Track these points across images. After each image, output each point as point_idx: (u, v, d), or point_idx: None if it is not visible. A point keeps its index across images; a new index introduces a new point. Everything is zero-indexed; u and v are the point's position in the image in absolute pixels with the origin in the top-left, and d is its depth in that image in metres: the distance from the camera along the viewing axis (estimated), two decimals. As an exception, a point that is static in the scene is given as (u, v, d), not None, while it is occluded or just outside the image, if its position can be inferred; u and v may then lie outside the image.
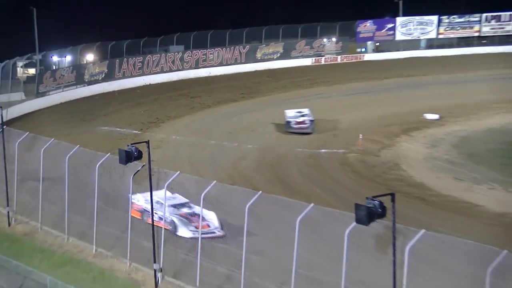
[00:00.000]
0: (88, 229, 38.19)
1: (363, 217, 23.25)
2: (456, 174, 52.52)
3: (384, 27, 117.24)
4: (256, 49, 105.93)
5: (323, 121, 71.28)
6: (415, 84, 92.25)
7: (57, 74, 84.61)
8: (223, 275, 31.88)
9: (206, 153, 58.96)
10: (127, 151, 32.20)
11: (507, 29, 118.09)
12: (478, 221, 42.09)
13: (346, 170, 54.04)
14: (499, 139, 62.80)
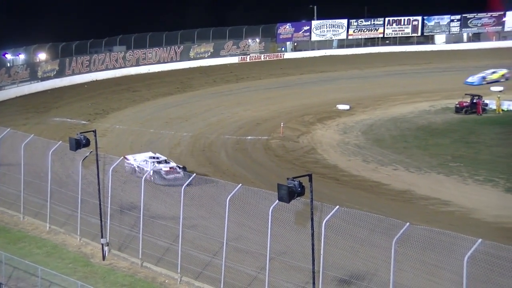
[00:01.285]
0: (42, 209, 37.70)
1: (285, 196, 23.24)
2: (365, 157, 52.91)
3: (301, 29, 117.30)
4: (190, 48, 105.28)
5: (248, 112, 71.32)
6: (328, 78, 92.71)
7: (12, 71, 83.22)
8: (163, 248, 31.69)
9: (145, 140, 58.46)
10: (76, 139, 31.90)
11: (406, 31, 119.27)
12: (383, 197, 42.54)
13: (269, 154, 54.05)
14: (401, 126, 63.43)
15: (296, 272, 27.77)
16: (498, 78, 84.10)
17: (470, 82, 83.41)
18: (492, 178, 45.70)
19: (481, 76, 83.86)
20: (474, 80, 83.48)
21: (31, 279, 29.20)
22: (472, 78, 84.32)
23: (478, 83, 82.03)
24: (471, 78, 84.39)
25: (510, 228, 36.03)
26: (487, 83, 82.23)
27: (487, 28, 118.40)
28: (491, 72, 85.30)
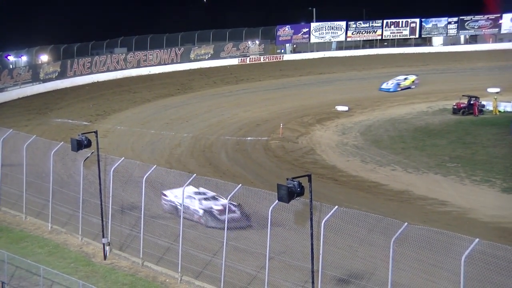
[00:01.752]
0: (44, 209, 37.71)
1: (284, 196, 23.25)
2: (363, 157, 52.91)
3: (300, 31, 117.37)
4: (190, 50, 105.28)
5: (248, 113, 71.32)
6: (327, 80, 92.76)
7: (14, 73, 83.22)
8: (164, 247, 31.69)
9: (146, 141, 58.49)
10: (78, 140, 31.98)
11: (404, 33, 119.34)
12: (381, 197, 42.53)
13: (268, 155, 54.05)
14: (399, 127, 63.43)
15: (295, 272, 27.78)
16: (410, 84, 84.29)
17: (386, 89, 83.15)
18: (489, 179, 45.72)
19: (396, 83, 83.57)
20: (390, 87, 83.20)
21: (33, 278, 29.20)
22: (386, 84, 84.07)
23: (394, 90, 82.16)
24: (385, 84, 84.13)
25: (506, 228, 36.05)
26: (402, 89, 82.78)
27: (484, 30, 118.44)
28: (403, 79, 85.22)
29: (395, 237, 23.70)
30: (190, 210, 33.92)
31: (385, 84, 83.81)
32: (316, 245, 24.83)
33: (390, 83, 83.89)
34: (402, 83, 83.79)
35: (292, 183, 23.24)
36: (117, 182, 34.99)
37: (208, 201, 34.63)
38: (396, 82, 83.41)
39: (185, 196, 31.95)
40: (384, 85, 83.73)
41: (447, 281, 24.90)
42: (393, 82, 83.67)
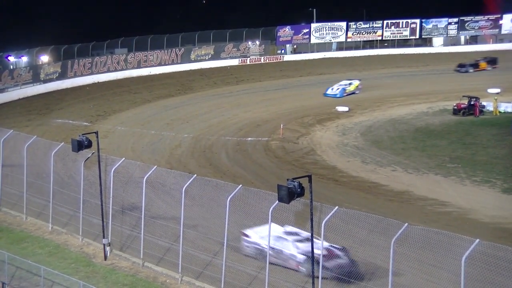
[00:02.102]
0: (44, 209, 37.70)
1: (285, 196, 23.22)
2: (363, 158, 52.90)
3: (301, 32, 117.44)
4: (190, 51, 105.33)
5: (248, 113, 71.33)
6: (327, 81, 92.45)
7: (15, 73, 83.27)
8: (164, 248, 31.67)
9: (147, 142, 58.50)
10: (78, 141, 31.99)
11: (405, 34, 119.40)
12: (381, 198, 42.51)
13: (269, 155, 54.03)
14: (399, 128, 63.42)
15: (295, 272, 27.79)
16: (354, 89, 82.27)
17: (332, 94, 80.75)
18: (489, 179, 45.71)
19: (342, 88, 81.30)
20: (336, 92, 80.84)
21: (33, 278, 29.18)
22: (331, 90, 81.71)
23: (340, 95, 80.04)
24: (330, 90, 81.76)
25: (507, 228, 36.03)
26: (347, 94, 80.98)
27: (484, 31, 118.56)
28: (348, 83, 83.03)
29: (396, 237, 23.68)
30: (284, 255, 29.00)
31: (330, 90, 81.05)
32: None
33: (335, 88, 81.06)
34: (348, 88, 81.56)
35: (292, 183, 23.22)
36: (118, 183, 34.98)
37: (303, 243, 28.56)
38: (342, 87, 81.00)
39: (274, 237, 28.03)
40: (330, 91, 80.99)
41: (447, 282, 24.89)
42: (339, 87, 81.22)
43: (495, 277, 23.65)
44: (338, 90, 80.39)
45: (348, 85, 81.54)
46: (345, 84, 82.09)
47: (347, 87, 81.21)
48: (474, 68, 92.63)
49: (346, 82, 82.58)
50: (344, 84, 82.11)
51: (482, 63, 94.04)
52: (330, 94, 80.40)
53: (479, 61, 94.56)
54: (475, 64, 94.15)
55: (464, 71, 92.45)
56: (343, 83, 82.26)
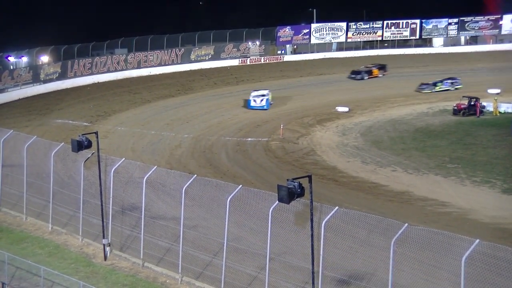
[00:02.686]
0: (44, 209, 37.72)
1: (285, 197, 23.23)
2: (363, 158, 52.93)
3: (301, 32, 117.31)
4: (190, 51, 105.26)
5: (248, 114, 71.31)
6: (327, 81, 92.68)
7: (15, 73, 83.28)
8: (164, 248, 31.70)
9: (147, 142, 58.51)
10: (78, 141, 31.99)
11: (405, 34, 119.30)
12: (381, 198, 42.55)
13: (269, 155, 54.05)
14: (399, 128, 63.47)
15: (295, 272, 27.77)
16: (271, 99, 75.57)
17: (259, 106, 73.60)
18: (489, 179, 45.73)
19: (266, 99, 73.76)
20: (263, 104, 73.45)
21: (33, 279, 29.20)
22: (255, 102, 74.03)
23: (267, 107, 73.42)
24: (253, 102, 74.19)
25: (506, 229, 36.04)
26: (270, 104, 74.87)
27: (484, 31, 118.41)
28: (266, 93, 75.04)
29: (396, 238, 23.70)
30: None
31: (254, 102, 73.51)
32: (317, 246, 24.83)
33: (258, 100, 73.55)
34: (269, 97, 74.39)
35: (292, 184, 23.23)
36: (118, 183, 35.00)
37: None
38: (265, 98, 73.33)
39: None
40: (254, 103, 73.48)
41: (447, 282, 24.90)
42: (262, 98, 73.49)
43: (495, 278, 23.66)
44: (263, 101, 73.14)
45: (267, 95, 74.31)
46: (263, 94, 74.28)
47: (267, 96, 73.93)
48: (368, 75, 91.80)
49: (263, 92, 74.78)
50: (262, 94, 74.35)
51: (375, 70, 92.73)
52: (256, 107, 73.33)
53: (371, 67, 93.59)
54: (369, 70, 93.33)
55: (359, 78, 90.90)
56: (261, 93, 74.42)
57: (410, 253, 25.01)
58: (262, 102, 73.37)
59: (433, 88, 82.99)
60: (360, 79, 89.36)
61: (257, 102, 73.59)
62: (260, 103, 73.38)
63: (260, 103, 73.49)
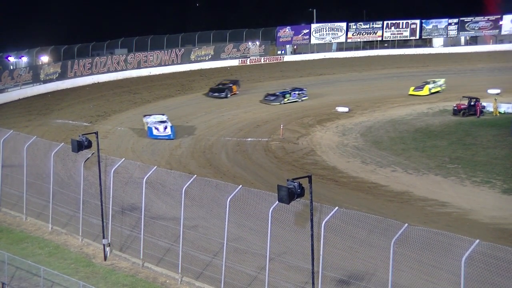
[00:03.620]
0: (44, 210, 37.71)
1: (285, 197, 23.23)
2: (363, 158, 52.93)
3: (301, 32, 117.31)
4: (190, 51, 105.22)
5: (248, 114, 71.32)
6: (327, 81, 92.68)
7: (14, 74, 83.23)
8: (164, 248, 31.71)
9: (147, 142, 58.45)
10: (78, 141, 31.98)
11: (405, 35, 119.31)
12: (381, 198, 42.57)
13: (268, 156, 54.04)
14: (399, 128, 63.43)
15: (295, 273, 27.80)
16: None
17: (165, 135, 60.16)
18: (489, 180, 45.75)
19: (170, 126, 61.48)
20: (168, 132, 60.45)
21: (33, 279, 29.22)
22: (157, 131, 60.52)
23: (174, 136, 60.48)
24: (156, 131, 60.52)
25: (506, 229, 36.08)
26: None
27: (484, 32, 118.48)
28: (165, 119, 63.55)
29: (396, 238, 23.71)
30: None
31: (156, 131, 60.43)
32: (317, 246, 24.83)
33: (162, 127, 60.75)
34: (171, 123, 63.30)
35: (292, 184, 23.24)
36: (118, 183, 35.02)
37: None
38: (169, 125, 61.27)
39: None
40: (156, 131, 60.45)
41: (447, 282, 24.93)
42: (164, 125, 61.12)
43: (495, 278, 23.67)
44: (167, 129, 60.78)
45: (167, 121, 62.49)
46: (163, 120, 62.64)
47: (169, 122, 62.20)
48: (230, 92, 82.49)
49: (162, 118, 63.35)
50: (161, 120, 62.55)
51: (234, 86, 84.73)
52: (161, 136, 60.26)
53: (229, 85, 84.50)
54: (230, 87, 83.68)
55: (224, 96, 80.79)
56: (160, 119, 62.84)
57: (410, 253, 25.03)
58: (167, 130, 60.70)
59: (282, 100, 76.98)
60: (224, 97, 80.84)
61: (161, 130, 60.63)
62: (165, 131, 60.71)
63: (164, 131, 60.75)
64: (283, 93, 78.82)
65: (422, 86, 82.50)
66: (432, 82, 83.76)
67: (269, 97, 77.82)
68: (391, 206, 40.68)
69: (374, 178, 47.39)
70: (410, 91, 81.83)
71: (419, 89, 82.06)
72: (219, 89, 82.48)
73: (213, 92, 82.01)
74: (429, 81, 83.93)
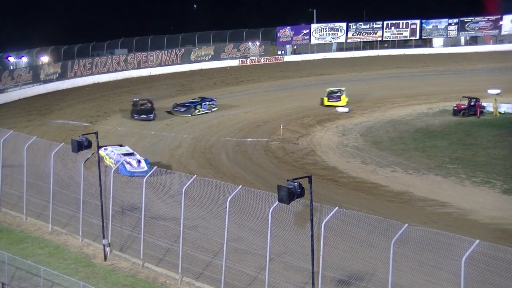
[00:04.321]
0: (44, 210, 37.69)
1: (285, 197, 23.23)
2: (363, 159, 52.93)
3: (301, 33, 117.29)
4: (190, 51, 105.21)
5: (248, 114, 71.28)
6: (327, 81, 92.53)
7: (15, 74, 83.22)
8: (164, 248, 31.71)
9: (147, 142, 58.45)
10: (78, 141, 31.98)
11: (405, 35, 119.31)
12: (381, 198, 42.57)
13: (268, 156, 54.03)
14: (399, 129, 63.45)
15: (295, 273, 27.80)
16: None
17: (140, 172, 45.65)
18: (489, 180, 45.76)
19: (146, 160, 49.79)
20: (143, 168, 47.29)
21: (33, 279, 29.21)
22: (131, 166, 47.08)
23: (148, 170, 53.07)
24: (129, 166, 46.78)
25: (506, 229, 36.09)
26: None
27: (484, 32, 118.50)
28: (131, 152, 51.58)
29: (396, 238, 23.71)
30: None
31: (130, 166, 46.41)
32: (317, 246, 24.83)
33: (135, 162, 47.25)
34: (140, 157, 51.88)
35: (292, 184, 23.24)
36: (118, 183, 35.03)
37: None
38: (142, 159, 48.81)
39: None
40: (130, 167, 46.75)
41: (447, 282, 24.92)
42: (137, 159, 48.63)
43: (495, 278, 23.68)
44: (142, 163, 48.73)
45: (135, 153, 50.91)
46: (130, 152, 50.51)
47: (137, 156, 49.58)
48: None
49: (128, 150, 51.24)
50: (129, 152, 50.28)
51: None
52: (136, 172, 45.44)
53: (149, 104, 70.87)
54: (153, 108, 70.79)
55: (152, 118, 68.34)
56: (126, 151, 50.63)
57: (410, 253, 25.04)
58: (142, 165, 47.80)
59: (193, 111, 70.69)
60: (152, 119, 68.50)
61: (134, 165, 47.63)
62: (139, 166, 47.71)
63: (139, 167, 47.72)
64: (194, 103, 72.45)
65: (339, 96, 75.59)
66: (338, 91, 77.54)
67: (179, 108, 71.44)
68: (391, 206, 40.68)
69: (374, 178, 47.39)
70: (325, 102, 75.27)
71: (337, 99, 74.96)
72: (146, 110, 69.79)
73: (139, 114, 68.92)
74: (336, 90, 77.95)
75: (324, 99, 75.87)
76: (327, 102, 75.37)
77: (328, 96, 76.25)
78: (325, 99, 75.71)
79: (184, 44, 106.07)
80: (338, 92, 77.10)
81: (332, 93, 76.95)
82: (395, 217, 33.80)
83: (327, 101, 75.48)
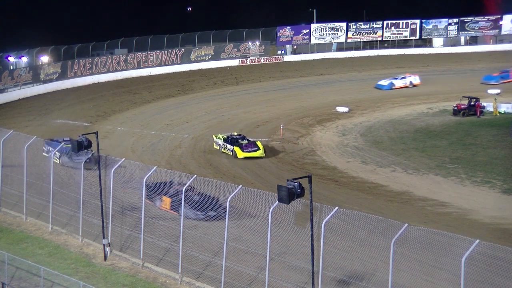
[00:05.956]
0: (44, 210, 37.70)
1: (285, 197, 23.26)
2: (363, 158, 52.91)
3: (301, 32, 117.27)
4: (190, 51, 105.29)
5: (248, 114, 71.29)
6: (327, 81, 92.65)
7: (15, 74, 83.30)
8: (164, 248, 31.70)
9: (147, 142, 58.49)
10: (78, 141, 31.99)
11: (405, 35, 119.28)
12: (381, 198, 42.55)
13: (268, 156, 53.96)
14: (399, 128, 63.38)
15: (295, 273, 27.81)
16: None
17: None
18: (489, 180, 45.74)
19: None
20: None
21: (33, 279, 29.21)
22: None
23: None
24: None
25: (507, 229, 36.07)
26: None
27: (484, 32, 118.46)
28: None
29: (396, 238, 23.72)
30: None
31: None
32: (317, 246, 24.85)
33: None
34: None
35: (292, 184, 23.26)
36: (118, 183, 35.02)
37: None
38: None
39: None
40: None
41: (447, 282, 24.93)
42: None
43: (494, 278, 23.68)
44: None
45: None
46: None
47: None
48: None
49: None
50: None
51: None
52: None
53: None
54: None
55: None
56: None
57: (410, 253, 25.05)
58: None
59: None
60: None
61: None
62: None
63: None
64: None
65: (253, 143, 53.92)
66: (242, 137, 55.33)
67: None
68: (391, 206, 40.68)
69: (374, 178, 47.39)
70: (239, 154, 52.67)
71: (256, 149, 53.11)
72: None
73: None
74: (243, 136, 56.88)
75: (236, 149, 53.26)
76: (246, 154, 52.87)
77: (238, 145, 53.61)
78: (237, 150, 53.07)
79: (184, 44, 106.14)
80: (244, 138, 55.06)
81: (236, 140, 54.52)
82: (395, 217, 33.82)
83: (241, 152, 52.94)
